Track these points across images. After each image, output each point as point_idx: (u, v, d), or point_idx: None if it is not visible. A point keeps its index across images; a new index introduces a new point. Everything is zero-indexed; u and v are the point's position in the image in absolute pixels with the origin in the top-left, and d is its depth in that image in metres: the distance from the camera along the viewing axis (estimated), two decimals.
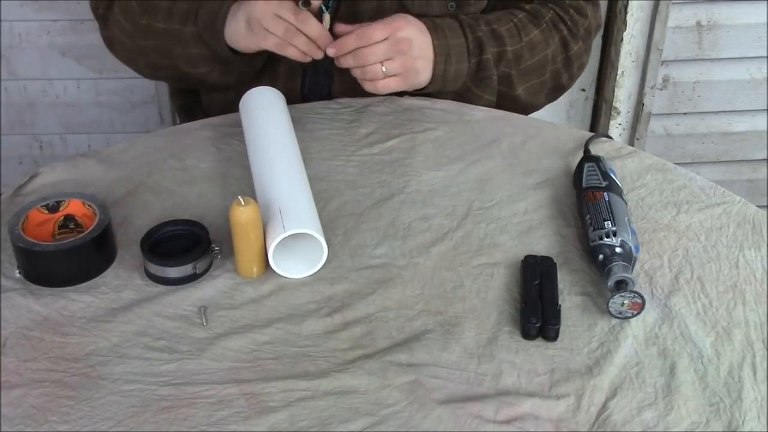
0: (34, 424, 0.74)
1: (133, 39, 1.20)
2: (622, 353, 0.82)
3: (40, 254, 0.87)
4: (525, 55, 1.18)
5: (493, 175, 1.06)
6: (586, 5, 1.23)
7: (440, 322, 0.85)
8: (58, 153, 2.02)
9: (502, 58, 1.16)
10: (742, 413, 0.77)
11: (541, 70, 1.20)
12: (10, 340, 0.83)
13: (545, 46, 1.19)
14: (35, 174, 1.04)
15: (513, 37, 1.16)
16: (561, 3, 1.22)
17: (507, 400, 0.77)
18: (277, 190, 0.94)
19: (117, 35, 1.22)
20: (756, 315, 0.87)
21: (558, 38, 1.20)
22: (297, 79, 1.22)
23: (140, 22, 1.17)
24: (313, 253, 0.91)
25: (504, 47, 1.16)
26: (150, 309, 0.86)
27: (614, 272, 0.86)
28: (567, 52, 1.22)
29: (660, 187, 1.04)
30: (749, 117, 2.02)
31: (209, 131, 1.13)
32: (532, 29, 1.18)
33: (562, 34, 1.21)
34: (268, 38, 1.08)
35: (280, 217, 0.89)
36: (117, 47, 1.25)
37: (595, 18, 1.25)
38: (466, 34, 1.14)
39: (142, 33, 1.18)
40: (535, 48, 1.18)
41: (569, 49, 1.22)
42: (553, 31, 1.20)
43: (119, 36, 1.22)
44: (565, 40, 1.21)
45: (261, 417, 0.75)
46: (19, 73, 1.92)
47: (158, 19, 1.16)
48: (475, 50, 1.14)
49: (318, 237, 0.89)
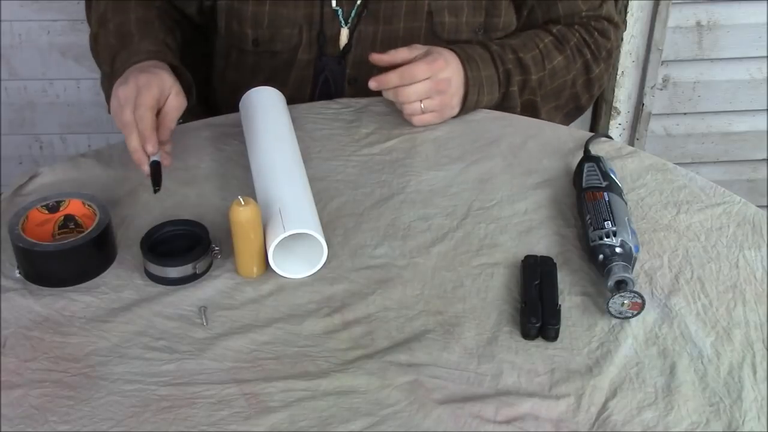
0: (34, 424, 0.74)
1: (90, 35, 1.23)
2: (622, 353, 0.82)
3: (40, 254, 0.87)
4: (546, 82, 1.20)
5: (493, 175, 1.06)
6: (610, 27, 1.25)
7: (440, 322, 0.85)
8: (58, 153, 2.02)
9: (526, 87, 1.19)
10: (742, 413, 0.77)
11: (559, 95, 1.23)
12: (10, 340, 0.83)
13: (566, 72, 1.21)
14: (35, 174, 1.04)
15: (537, 65, 1.18)
16: (587, 26, 1.23)
17: (507, 400, 0.77)
18: (277, 190, 0.94)
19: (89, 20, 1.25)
20: (756, 315, 0.87)
21: (581, 62, 1.22)
22: (307, 89, 1.23)
23: (94, 26, 1.20)
24: (313, 253, 0.91)
25: (528, 75, 1.18)
26: (150, 309, 0.86)
27: (614, 272, 0.86)
28: (589, 75, 1.24)
29: (660, 187, 1.04)
30: (749, 117, 2.02)
31: (209, 131, 1.14)
32: (556, 56, 1.20)
33: (585, 59, 1.23)
34: (118, 123, 1.01)
35: (279, 217, 0.89)
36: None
37: (617, 40, 1.27)
38: (497, 65, 1.15)
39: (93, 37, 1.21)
40: (556, 74, 1.20)
41: (591, 72, 1.24)
42: (577, 56, 1.22)
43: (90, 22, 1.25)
44: (587, 64, 1.23)
45: (261, 417, 0.75)
46: (19, 73, 1.92)
47: (101, 36, 1.17)
48: (504, 81, 1.16)
49: (318, 237, 0.89)
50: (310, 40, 1.20)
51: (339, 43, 1.20)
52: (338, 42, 1.20)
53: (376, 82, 1.09)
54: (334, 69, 1.21)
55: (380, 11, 1.17)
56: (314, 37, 1.19)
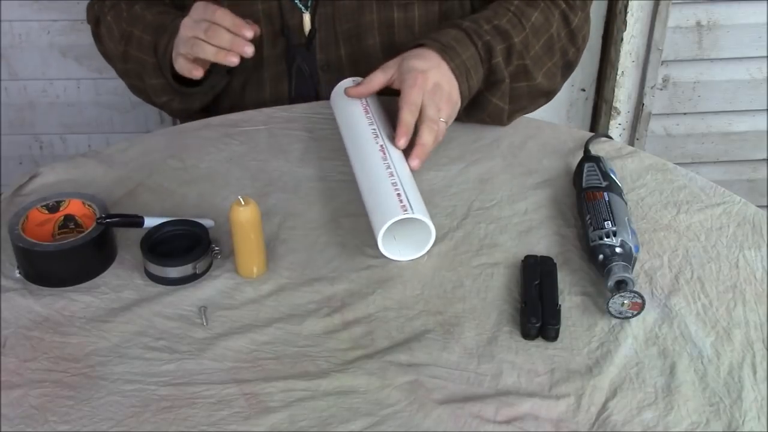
0: (34, 424, 0.74)
1: (116, 62, 1.24)
2: (622, 353, 0.82)
3: (40, 254, 0.87)
4: (531, 41, 1.14)
5: (493, 175, 1.06)
6: None
7: (440, 322, 0.85)
8: (58, 153, 2.03)
9: (512, 53, 1.12)
10: (742, 413, 0.77)
11: (551, 52, 1.17)
12: (10, 340, 0.83)
13: (548, 25, 1.15)
14: (35, 174, 1.04)
15: (515, 28, 1.12)
16: None
17: (507, 400, 0.77)
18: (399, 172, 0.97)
19: (107, 50, 1.26)
20: (756, 315, 0.87)
21: (558, 13, 1.17)
22: (284, 83, 1.23)
23: (119, 47, 1.20)
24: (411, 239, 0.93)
25: (511, 40, 1.12)
26: (150, 309, 0.86)
27: (614, 272, 0.86)
28: (569, 26, 1.18)
29: (660, 187, 1.04)
30: (749, 117, 2.02)
31: (209, 131, 1.14)
32: (532, 12, 1.14)
33: (561, 9, 1.17)
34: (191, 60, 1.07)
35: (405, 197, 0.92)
36: (111, 62, 1.28)
37: None
38: (474, 41, 1.10)
39: (121, 57, 1.21)
40: (538, 31, 1.14)
41: (570, 22, 1.18)
42: (552, 7, 1.16)
43: (108, 52, 1.26)
44: (565, 15, 1.17)
45: (261, 417, 0.75)
46: (19, 73, 1.92)
47: (133, 46, 1.18)
48: (486, 56, 1.11)
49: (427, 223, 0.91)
50: (273, 33, 1.19)
51: (304, 30, 1.20)
52: (302, 29, 1.19)
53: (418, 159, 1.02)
54: (304, 57, 1.20)
55: None
56: (278, 31, 1.19)
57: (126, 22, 1.19)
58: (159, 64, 1.14)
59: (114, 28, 1.20)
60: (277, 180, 1.05)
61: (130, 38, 1.18)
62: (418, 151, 1.01)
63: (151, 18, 1.17)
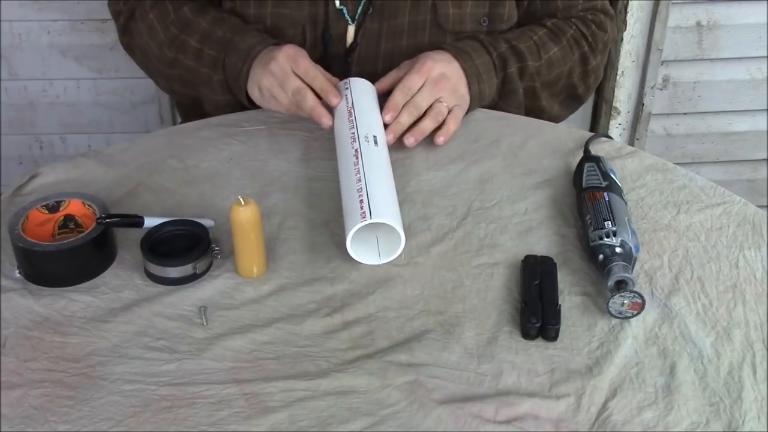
0: (34, 424, 0.74)
1: (157, 62, 1.23)
2: (622, 353, 0.82)
3: (40, 254, 0.87)
4: (543, 71, 1.20)
5: (493, 175, 1.06)
6: (606, 20, 1.26)
7: (440, 322, 0.85)
8: (58, 153, 2.02)
9: (524, 73, 1.19)
10: (742, 413, 0.77)
11: (555, 84, 1.23)
12: (10, 340, 0.83)
13: (562, 63, 1.22)
14: (35, 174, 1.04)
15: (533, 55, 1.18)
16: (584, 19, 1.24)
17: (507, 400, 0.77)
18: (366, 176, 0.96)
19: (139, 45, 1.24)
20: (756, 315, 0.87)
21: (578, 54, 1.23)
22: None
23: (167, 53, 1.19)
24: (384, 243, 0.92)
25: (525, 62, 1.18)
26: (150, 309, 0.86)
27: (614, 272, 0.86)
28: (586, 66, 1.25)
29: (660, 187, 1.04)
30: (749, 117, 2.02)
31: (209, 131, 1.13)
32: (552, 47, 1.20)
33: (583, 50, 1.23)
34: (278, 106, 1.13)
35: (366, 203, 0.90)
36: (138, 55, 1.27)
37: (612, 32, 1.28)
38: (489, 51, 1.16)
39: (168, 62, 1.20)
40: (553, 65, 1.21)
41: (588, 64, 1.25)
42: (575, 47, 1.22)
43: (142, 47, 1.24)
44: (584, 56, 1.24)
45: (261, 417, 0.75)
46: (19, 73, 1.92)
47: (188, 57, 1.18)
48: (500, 66, 1.17)
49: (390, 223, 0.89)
50: (314, 39, 1.20)
51: (345, 42, 1.21)
52: (344, 40, 1.20)
53: (389, 113, 1.07)
54: (339, 67, 1.21)
55: (385, 7, 1.17)
56: (318, 37, 1.19)
57: (176, 27, 1.18)
58: (226, 81, 1.16)
59: (158, 28, 1.20)
60: (277, 180, 1.05)
61: (183, 46, 1.18)
62: (395, 128, 1.06)
63: (208, 27, 1.17)
